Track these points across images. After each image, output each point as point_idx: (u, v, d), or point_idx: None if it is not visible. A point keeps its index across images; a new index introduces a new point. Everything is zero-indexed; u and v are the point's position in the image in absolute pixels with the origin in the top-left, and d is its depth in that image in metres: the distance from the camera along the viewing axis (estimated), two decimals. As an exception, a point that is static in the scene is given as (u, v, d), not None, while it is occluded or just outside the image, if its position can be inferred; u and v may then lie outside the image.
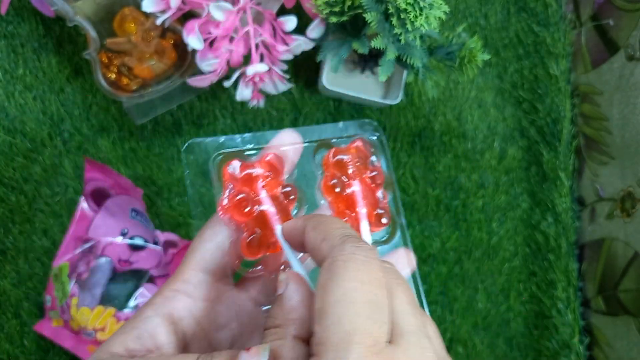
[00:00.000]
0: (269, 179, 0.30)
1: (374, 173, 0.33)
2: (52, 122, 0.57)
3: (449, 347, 0.63)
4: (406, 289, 0.23)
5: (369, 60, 0.60)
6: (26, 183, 0.56)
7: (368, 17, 0.45)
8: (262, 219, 0.29)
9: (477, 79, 0.67)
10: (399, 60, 0.50)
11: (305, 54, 0.52)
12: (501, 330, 0.65)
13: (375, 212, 0.32)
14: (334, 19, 0.47)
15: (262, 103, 0.54)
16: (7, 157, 0.56)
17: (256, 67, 0.48)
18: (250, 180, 0.30)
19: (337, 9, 0.47)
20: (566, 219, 0.66)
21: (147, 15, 0.50)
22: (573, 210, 0.67)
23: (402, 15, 0.44)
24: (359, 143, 0.34)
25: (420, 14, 0.44)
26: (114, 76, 0.52)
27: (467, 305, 0.64)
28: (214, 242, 0.28)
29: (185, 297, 0.27)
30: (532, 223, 0.67)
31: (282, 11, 0.50)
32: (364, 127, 0.35)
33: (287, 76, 0.52)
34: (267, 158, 0.31)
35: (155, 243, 0.54)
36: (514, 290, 0.65)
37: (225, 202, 0.29)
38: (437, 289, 0.64)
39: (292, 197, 0.31)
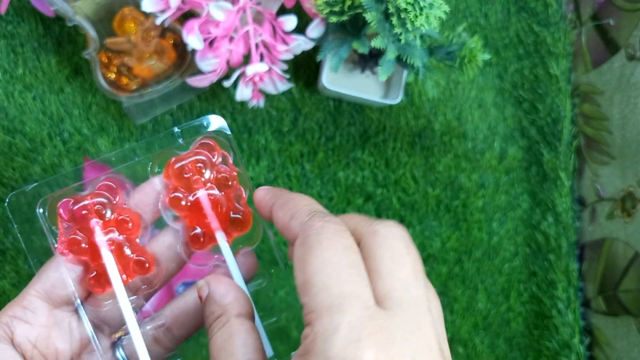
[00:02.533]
0: (105, 209, 0.29)
1: (222, 175, 0.29)
2: (51, 122, 0.57)
3: (449, 348, 0.63)
4: (413, 259, 0.23)
5: (369, 60, 0.59)
6: (26, 183, 0.56)
7: (368, 16, 0.45)
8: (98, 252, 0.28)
9: (478, 79, 0.67)
10: (399, 60, 0.49)
11: (305, 53, 0.52)
12: (501, 331, 0.64)
13: (230, 217, 0.29)
14: (333, 19, 0.47)
15: (262, 103, 0.54)
16: (6, 157, 0.56)
17: (256, 67, 0.48)
18: (83, 215, 0.29)
19: (337, 9, 0.47)
20: (566, 219, 0.66)
21: (146, 15, 0.50)
22: (573, 210, 0.67)
23: (402, 15, 0.44)
24: (201, 145, 0.30)
25: (421, 14, 0.44)
26: (113, 76, 0.52)
27: (467, 305, 0.64)
28: (57, 273, 0.29)
29: (22, 323, 0.28)
30: (533, 223, 0.66)
31: (282, 11, 0.50)
32: (206, 127, 0.31)
33: (287, 76, 0.52)
34: (98, 188, 0.30)
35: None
36: (514, 290, 0.65)
37: (60, 243, 0.29)
38: (437, 289, 0.63)
39: (130, 225, 0.29)
